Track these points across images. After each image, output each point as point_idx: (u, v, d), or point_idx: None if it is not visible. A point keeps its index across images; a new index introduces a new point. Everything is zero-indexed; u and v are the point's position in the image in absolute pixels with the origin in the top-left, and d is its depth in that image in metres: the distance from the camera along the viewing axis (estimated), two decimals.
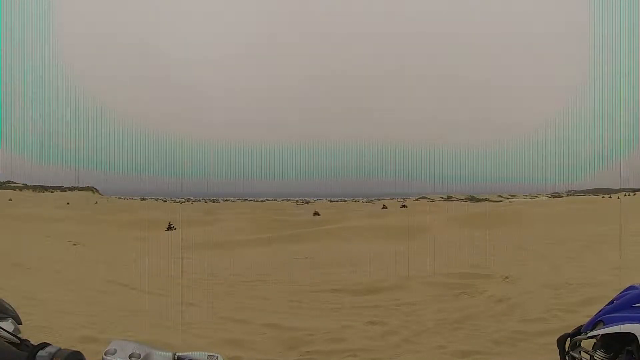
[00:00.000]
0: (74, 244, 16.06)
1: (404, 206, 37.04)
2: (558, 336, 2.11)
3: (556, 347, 2.10)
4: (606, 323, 1.91)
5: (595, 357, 1.93)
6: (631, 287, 2.00)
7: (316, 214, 31.18)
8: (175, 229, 22.95)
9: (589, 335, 1.99)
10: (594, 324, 1.98)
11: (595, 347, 1.98)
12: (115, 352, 1.00)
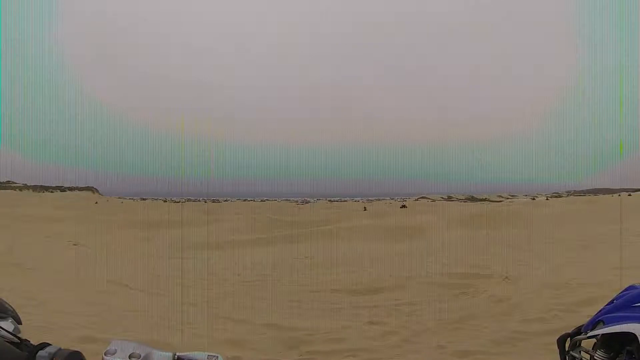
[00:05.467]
0: (74, 244, 16.05)
1: (403, 206, 37.04)
2: (558, 336, 2.11)
3: (556, 347, 2.10)
4: (606, 323, 1.91)
5: (595, 357, 1.93)
6: (631, 287, 2.00)
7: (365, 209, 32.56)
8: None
9: (589, 335, 1.99)
10: (594, 323, 1.98)
11: (595, 347, 1.98)
12: (115, 352, 1.00)
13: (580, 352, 2.03)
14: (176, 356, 1.02)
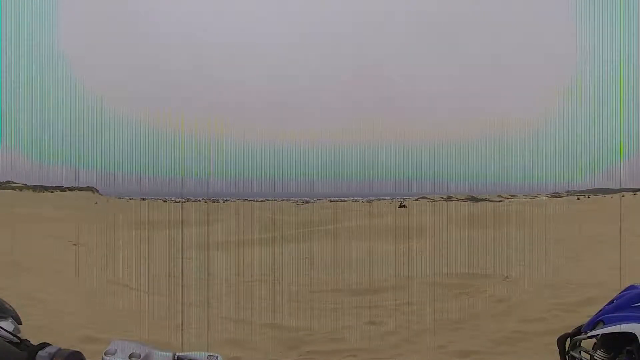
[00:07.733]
0: (74, 244, 16.04)
1: (403, 206, 36.99)
2: (558, 336, 2.11)
3: (556, 347, 2.10)
4: (606, 323, 1.91)
5: (595, 357, 1.93)
6: (631, 287, 2.00)
7: (403, 206, 32.03)
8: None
9: (589, 335, 1.99)
10: (594, 323, 1.98)
11: (595, 347, 1.98)
12: (115, 352, 1.00)
13: (580, 352, 2.03)
14: (176, 356, 1.02)
